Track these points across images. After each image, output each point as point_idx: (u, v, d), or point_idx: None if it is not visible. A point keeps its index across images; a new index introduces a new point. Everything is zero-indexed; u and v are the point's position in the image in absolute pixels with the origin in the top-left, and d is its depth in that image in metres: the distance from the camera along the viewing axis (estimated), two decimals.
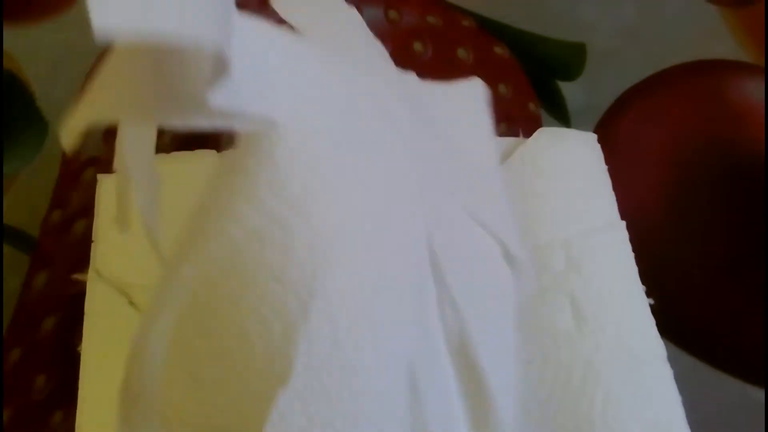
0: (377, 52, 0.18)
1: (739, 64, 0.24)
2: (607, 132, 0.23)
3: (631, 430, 0.17)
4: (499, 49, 0.25)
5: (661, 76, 0.23)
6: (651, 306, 0.19)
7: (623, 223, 0.20)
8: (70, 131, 0.11)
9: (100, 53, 0.20)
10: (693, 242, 0.20)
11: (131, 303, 0.18)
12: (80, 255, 0.21)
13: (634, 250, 0.20)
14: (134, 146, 0.13)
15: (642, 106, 0.23)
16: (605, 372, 0.17)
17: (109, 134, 0.24)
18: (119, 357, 0.17)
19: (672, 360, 0.19)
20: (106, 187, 0.20)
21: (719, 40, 0.26)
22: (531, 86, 0.25)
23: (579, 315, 0.18)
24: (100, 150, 0.23)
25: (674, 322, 0.20)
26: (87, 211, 0.21)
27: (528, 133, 0.21)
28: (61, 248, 0.21)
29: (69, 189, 0.22)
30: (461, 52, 0.25)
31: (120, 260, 0.19)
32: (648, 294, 0.19)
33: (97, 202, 0.20)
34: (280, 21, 0.15)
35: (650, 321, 0.19)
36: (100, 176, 0.21)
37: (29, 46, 0.26)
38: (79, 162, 0.23)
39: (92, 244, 0.19)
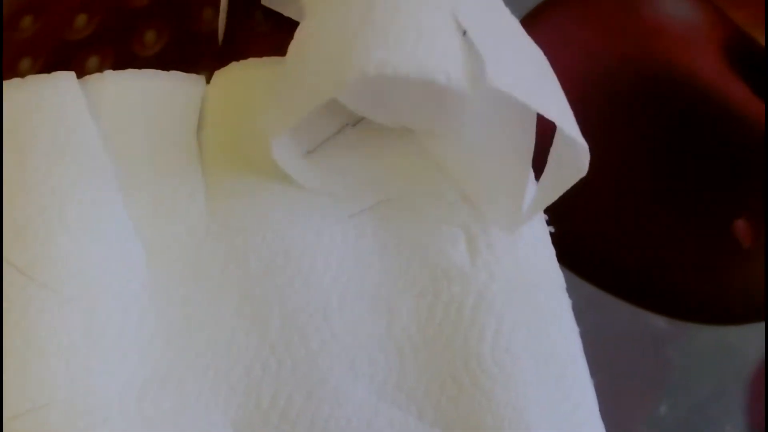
0: None
1: None
2: None
3: (522, 363, 0.16)
4: None
5: None
6: (551, 234, 0.18)
7: None
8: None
9: None
10: (600, 165, 0.19)
11: None
12: None
13: (537, 175, 0.19)
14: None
15: (551, 22, 0.22)
16: (499, 302, 0.17)
17: None
18: None
19: (572, 290, 0.18)
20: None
21: None
22: None
23: (473, 246, 0.17)
24: None
25: (576, 252, 0.19)
26: None
27: None
28: None
29: None
30: None
31: None
32: (550, 222, 0.18)
33: None
34: None
35: (550, 250, 0.18)
36: None
37: None
38: None
39: None
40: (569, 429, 0.16)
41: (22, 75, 0.19)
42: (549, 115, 0.15)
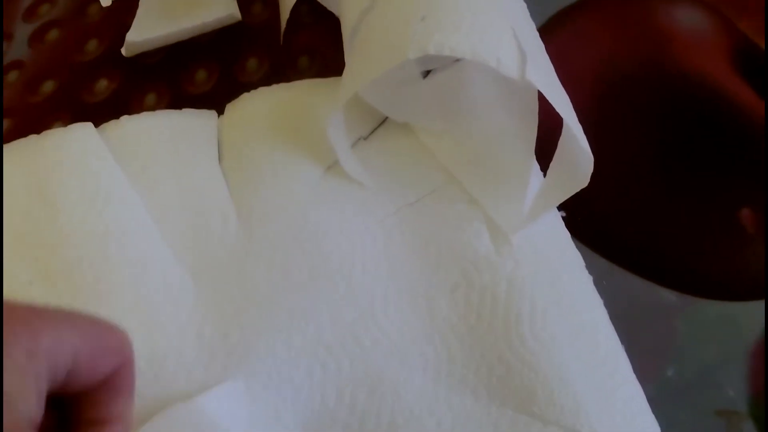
0: None
1: None
2: None
3: (559, 338, 0.17)
4: None
5: None
6: (564, 218, 0.19)
7: None
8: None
9: None
10: (617, 157, 0.21)
11: None
12: None
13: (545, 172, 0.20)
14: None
15: (573, 26, 0.23)
16: (528, 286, 0.18)
17: (33, 38, 0.23)
18: None
19: (590, 264, 0.19)
20: None
21: None
22: None
23: (496, 238, 0.18)
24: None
25: (596, 231, 0.20)
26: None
27: None
28: None
29: None
30: None
31: None
32: (567, 205, 0.19)
33: None
34: None
35: (565, 233, 0.19)
36: None
37: None
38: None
39: None
40: (611, 392, 0.17)
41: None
42: (568, 120, 0.16)
